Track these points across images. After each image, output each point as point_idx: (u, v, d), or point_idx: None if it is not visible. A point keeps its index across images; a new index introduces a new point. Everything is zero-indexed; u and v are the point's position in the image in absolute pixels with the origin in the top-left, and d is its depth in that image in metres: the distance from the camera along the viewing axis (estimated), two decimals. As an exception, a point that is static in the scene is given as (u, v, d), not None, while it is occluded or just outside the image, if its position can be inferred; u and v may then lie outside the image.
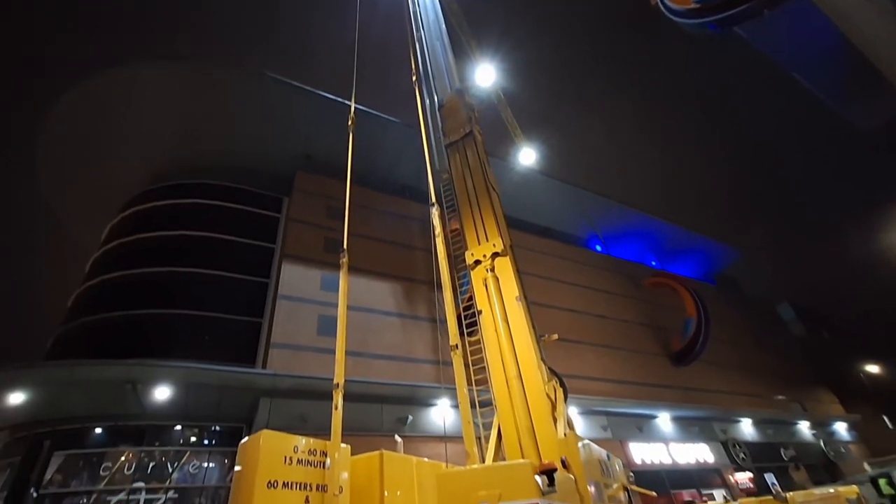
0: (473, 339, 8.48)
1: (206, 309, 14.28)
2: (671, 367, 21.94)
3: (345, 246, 7.25)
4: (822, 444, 24.33)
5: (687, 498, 16.63)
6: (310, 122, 18.39)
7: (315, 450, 5.12)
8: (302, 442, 4.98)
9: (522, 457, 5.77)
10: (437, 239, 5.00)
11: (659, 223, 29.80)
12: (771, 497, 8.39)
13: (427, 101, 11.33)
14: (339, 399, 5.33)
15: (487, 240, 9.27)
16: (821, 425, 25.82)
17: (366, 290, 15.63)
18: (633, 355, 20.71)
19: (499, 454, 7.04)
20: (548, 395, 7.24)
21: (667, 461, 17.60)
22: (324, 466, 5.09)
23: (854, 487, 10.05)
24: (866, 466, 17.91)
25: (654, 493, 7.34)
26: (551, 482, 3.04)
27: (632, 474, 9.69)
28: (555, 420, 6.95)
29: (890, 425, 31.61)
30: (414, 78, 10.94)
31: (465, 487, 3.14)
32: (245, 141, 18.73)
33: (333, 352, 13.57)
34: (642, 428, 17.99)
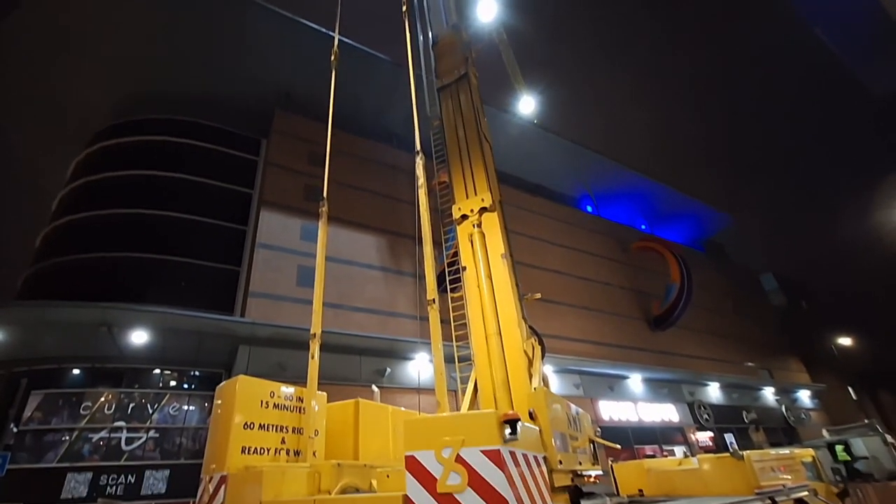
0: (457, 294, 8.96)
1: (182, 254, 14.44)
2: (648, 331, 23.15)
3: (325, 195, 7.24)
4: (783, 409, 26.43)
5: (648, 452, 18.25)
6: (289, 54, 17.59)
7: (291, 395, 5.58)
8: (278, 388, 5.46)
9: (496, 409, 6.41)
10: (419, 190, 5.15)
11: (653, 184, 30.19)
12: (728, 454, 9.22)
13: (420, 38, 11.00)
14: (315, 349, 5.75)
15: (476, 194, 9.42)
16: (785, 392, 27.88)
17: (348, 242, 15.91)
18: (613, 318, 21.75)
19: (474, 406, 7.73)
20: (525, 352, 7.84)
21: (634, 419, 19.17)
22: (300, 412, 5.57)
23: (810, 451, 10.97)
24: (824, 433, 19.53)
25: (618, 446, 8.18)
26: (513, 431, 3.31)
27: (599, 429, 10.66)
28: (530, 376, 7.62)
29: (854, 396, 34.13)
30: (404, 8, 10.53)
31: (431, 433, 3.36)
32: (218, 73, 17.93)
33: (312, 302, 14.18)
34: (613, 387, 19.33)
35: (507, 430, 3.29)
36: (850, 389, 34.37)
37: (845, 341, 36.41)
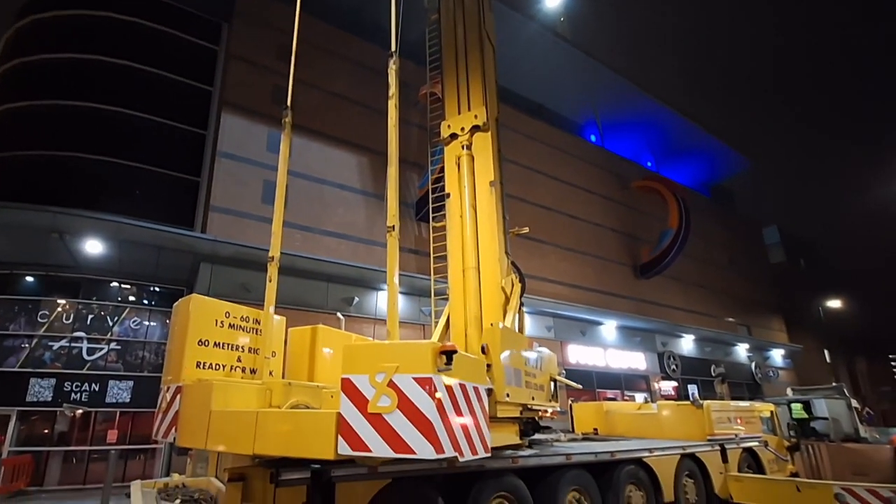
0: (440, 224, 9.10)
1: (137, 159, 14.11)
2: (633, 278, 24.09)
3: (289, 102, 6.97)
4: (753, 366, 28.50)
5: (610, 396, 19.83)
6: None
7: (248, 317, 6.12)
8: (233, 308, 5.99)
9: (466, 346, 6.93)
10: (389, 101, 5.07)
11: (670, 115, 29.74)
12: (689, 402, 10.19)
13: None
14: (273, 272, 6.06)
15: (469, 109, 9.17)
16: (759, 349, 29.89)
17: (321, 157, 15.66)
18: (597, 261, 22.48)
19: (443, 341, 8.22)
20: (503, 289, 8.23)
21: (600, 364, 20.64)
22: (257, 333, 6.11)
23: (770, 406, 12.13)
24: (789, 391, 21.24)
25: (579, 386, 8.94)
26: (448, 362, 3.70)
27: (564, 371, 11.50)
28: (504, 314, 8.07)
29: (828, 359, 36.78)
30: None
31: (368, 358, 3.72)
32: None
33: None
34: (585, 332, 20.52)
35: (443, 360, 3.68)
36: (826, 353, 36.93)
37: (834, 305, 38.45)
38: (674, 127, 30.52)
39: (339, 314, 7.31)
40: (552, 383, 7.36)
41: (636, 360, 22.31)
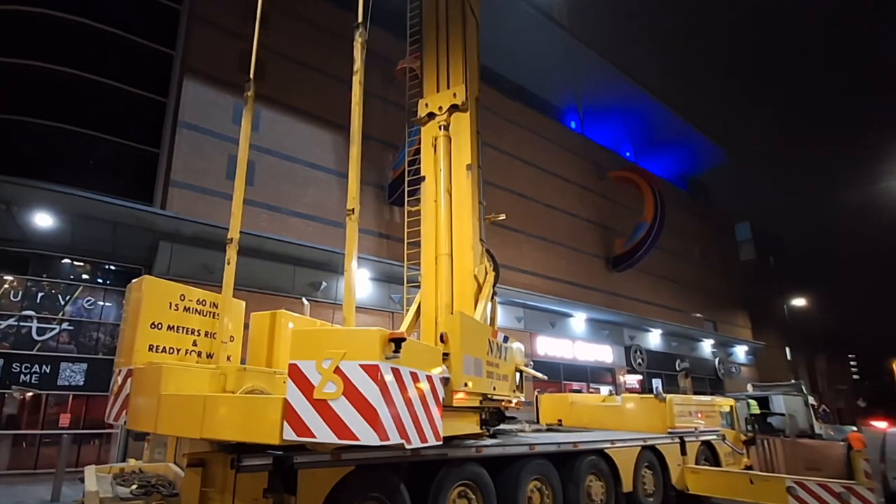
0: (415, 208, 9.05)
1: (91, 126, 13.42)
2: (605, 270, 24.58)
3: (251, 74, 6.70)
4: (717, 361, 29.62)
5: (575, 387, 20.39)
6: None
7: (204, 300, 6.09)
8: (189, 291, 5.97)
9: (436, 334, 7.02)
10: (354, 77, 4.96)
11: (652, 104, 30.16)
12: (653, 396, 10.61)
13: None
14: (232, 254, 6.00)
15: (448, 87, 9.12)
16: (723, 345, 31.03)
17: (292, 132, 15.28)
18: (571, 252, 22.82)
19: (413, 330, 8.26)
20: (476, 277, 8.29)
21: (568, 356, 21.14)
22: (213, 317, 6.10)
23: (730, 401, 12.73)
24: (749, 387, 22.12)
25: (544, 377, 9.14)
26: (397, 349, 3.79)
27: (531, 362, 11.76)
28: (476, 302, 8.13)
29: (789, 357, 38.49)
30: None
31: (316, 344, 3.79)
32: None
33: (246, 200, 13.79)
34: (555, 324, 20.90)
35: (391, 348, 3.78)
36: (788, 350, 38.60)
37: (798, 304, 40.19)
38: (656, 116, 30.95)
39: (304, 299, 7.22)
40: (518, 374, 7.51)
41: (603, 353, 22.91)
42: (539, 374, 8.52)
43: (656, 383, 24.11)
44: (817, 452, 12.42)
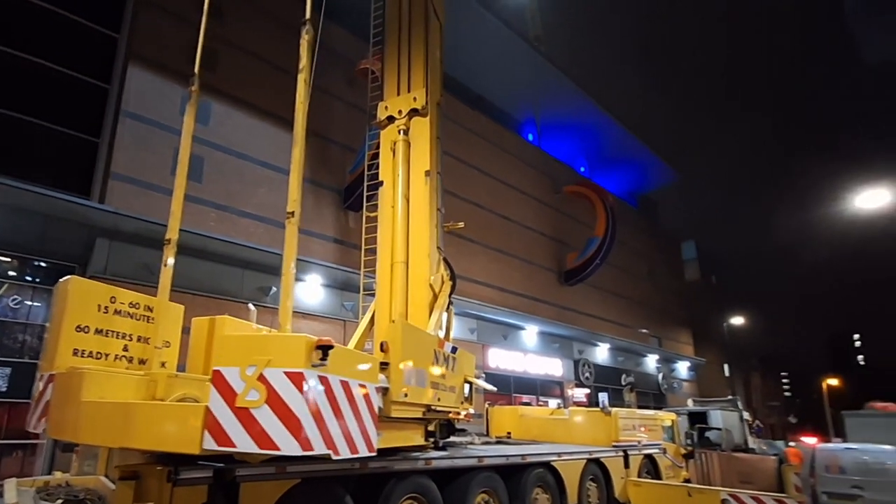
0: (373, 214, 8.92)
1: (22, 110, 12.50)
2: (557, 284, 25.08)
3: (196, 69, 6.29)
4: (660, 377, 30.78)
5: (525, 400, 20.72)
6: None
7: (137, 303, 5.83)
8: (120, 293, 5.72)
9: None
10: (299, 75, 4.82)
11: (608, 121, 31.08)
12: (599, 409, 10.95)
13: None
14: (169, 256, 5.71)
15: (409, 90, 9.07)
16: (666, 361, 32.27)
17: (245, 128, 14.79)
18: (525, 265, 23.17)
19: (365, 339, 8.12)
20: (431, 286, 8.25)
21: (519, 369, 21.39)
22: (148, 321, 5.84)
23: (672, 415, 13.31)
24: (689, 402, 23.06)
25: (494, 389, 9.20)
26: (324, 357, 3.77)
27: (483, 374, 11.86)
28: (431, 312, 8.08)
29: (727, 373, 40.47)
30: None
31: (240, 351, 3.74)
32: None
33: (193, 197, 13.21)
34: (508, 336, 21.12)
35: (318, 356, 3.75)
36: (726, 367, 40.58)
37: (737, 322, 42.47)
38: (610, 133, 31.98)
39: (250, 305, 6.86)
40: (467, 386, 7.50)
41: (553, 367, 23.32)
42: (488, 386, 8.55)
43: (603, 397, 24.76)
44: (751, 466, 13.08)
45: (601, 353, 26.72)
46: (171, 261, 5.72)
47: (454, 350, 7.23)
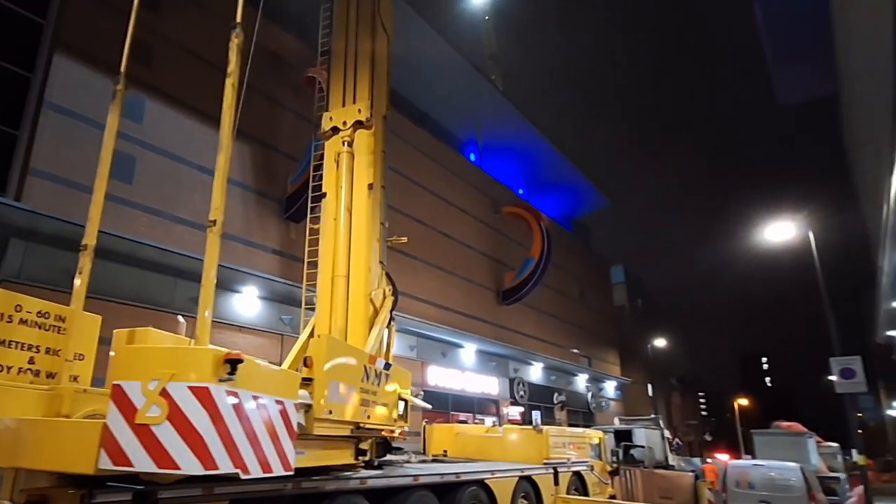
0: (317, 226, 8.85)
1: None
2: (495, 303, 25.65)
3: (123, 68, 6.02)
4: (589, 395, 32.04)
5: (462, 418, 20.93)
6: None
7: (48, 312, 5.41)
8: (27, 301, 5.31)
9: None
10: (227, 80, 4.77)
11: (546, 146, 32.41)
12: (531, 427, 11.30)
13: None
14: (86, 263, 5.44)
15: (354, 102, 9.11)
16: (596, 380, 33.67)
17: (182, 130, 14.21)
18: (464, 283, 23.57)
19: (302, 355, 7.99)
20: (372, 301, 8.27)
21: (457, 387, 21.66)
22: (59, 331, 5.46)
23: (599, 433, 13.91)
24: (616, 421, 24.08)
25: (428, 406, 9.28)
26: (232, 371, 3.66)
27: (421, 391, 11.98)
28: (371, 327, 8.09)
29: (650, 392, 42.69)
30: None
31: (143, 364, 3.63)
32: None
33: (121, 199, 12.58)
34: (447, 354, 21.34)
35: (226, 370, 3.68)
36: (649, 386, 42.85)
37: (660, 343, 45.10)
38: (548, 158, 33.30)
39: (179, 317, 6.55)
40: (402, 403, 7.48)
41: (490, 385, 23.76)
42: (423, 404, 8.48)
43: (536, 415, 25.40)
44: (670, 482, 13.92)
45: (535, 372, 27.47)
46: (87, 268, 5.43)
47: (387, 366, 7.19)
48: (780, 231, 17.68)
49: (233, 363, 3.69)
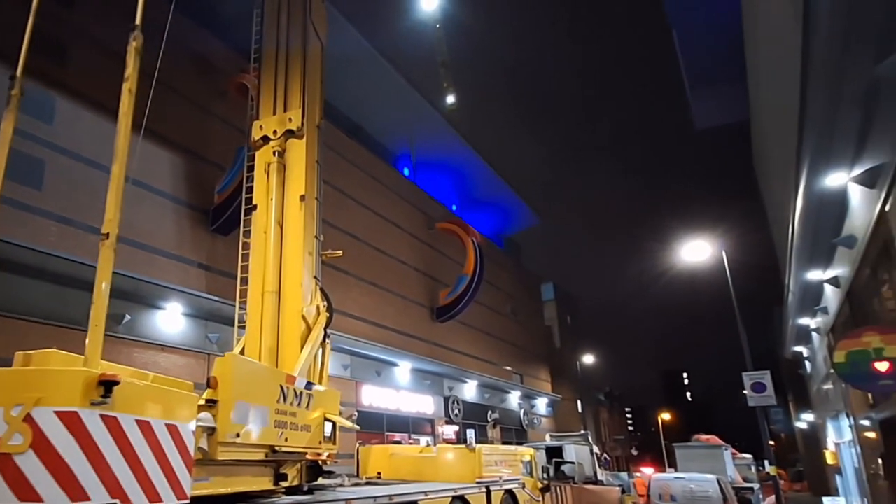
0: (249, 240, 8.64)
1: None
2: (429, 320, 25.91)
3: (19, 71, 5.59)
4: (522, 413, 32.88)
5: (396, 439, 20.89)
6: None
7: None
8: None
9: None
10: (124, 84, 4.62)
11: (478, 162, 33.29)
12: (465, 446, 11.56)
13: None
14: None
15: (285, 110, 9.03)
16: (528, 398, 34.61)
17: (97, 133, 13.35)
18: (399, 300, 23.69)
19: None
20: (304, 318, 8.18)
21: (392, 407, 21.66)
22: None
23: (530, 450, 14.38)
24: (547, 437, 24.82)
25: (358, 427, 9.25)
26: (107, 394, 3.53)
27: (356, 412, 11.90)
28: (303, 345, 7.98)
29: (580, 409, 44.33)
30: None
31: (11, 387, 3.47)
32: None
33: (29, 206, 11.67)
34: (381, 373, 21.30)
35: (100, 392, 3.57)
36: (579, 403, 44.52)
37: (588, 360, 47.09)
38: (480, 175, 34.19)
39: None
40: (329, 424, 7.42)
41: (425, 404, 23.92)
42: (350, 425, 8.41)
43: (470, 434, 25.76)
44: (598, 497, 14.64)
45: (469, 390, 27.93)
46: None
47: (309, 386, 7.08)
48: (697, 250, 19.12)
49: (107, 385, 3.54)
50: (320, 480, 7.75)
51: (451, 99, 35.48)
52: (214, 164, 15.74)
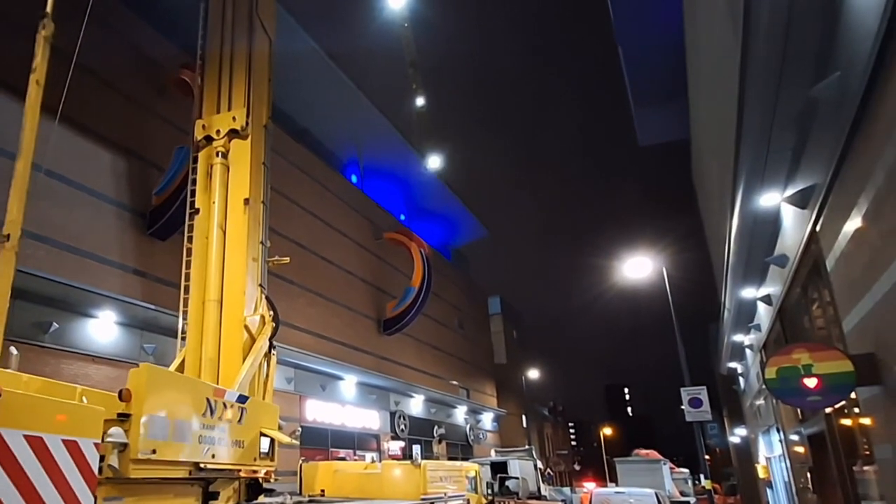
0: (192, 245, 8.34)
1: None
2: (376, 333, 25.79)
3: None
4: (468, 428, 33.13)
5: (341, 455, 20.61)
6: None
7: None
8: None
9: None
10: (31, 75, 4.56)
11: (427, 172, 33.78)
12: (410, 462, 11.60)
13: None
14: None
15: (229, 109, 8.83)
16: (474, 412, 34.93)
17: (14, 124, 12.74)
18: (345, 312, 23.49)
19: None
20: (247, 328, 8.00)
21: (337, 422, 21.41)
22: None
23: (475, 466, 14.57)
24: (493, 452, 25.12)
25: (295, 443, 9.07)
26: None
27: (300, 427, 11.69)
28: (246, 356, 7.79)
29: (524, 424, 45.12)
30: None
31: None
32: None
33: None
34: (326, 387, 21.05)
35: None
36: (524, 418, 45.31)
37: (532, 375, 48.04)
38: (429, 185, 34.60)
39: (12, 348, 5.70)
40: (266, 440, 7.21)
41: (370, 419, 23.78)
42: (288, 440, 8.12)
43: (416, 450, 25.66)
44: (542, 512, 14.95)
45: (416, 405, 27.95)
46: None
47: (242, 399, 6.88)
48: (639, 267, 19.91)
49: None
50: (261, 499, 7.62)
51: (420, 101, 35.77)
52: (152, 164, 15.17)
